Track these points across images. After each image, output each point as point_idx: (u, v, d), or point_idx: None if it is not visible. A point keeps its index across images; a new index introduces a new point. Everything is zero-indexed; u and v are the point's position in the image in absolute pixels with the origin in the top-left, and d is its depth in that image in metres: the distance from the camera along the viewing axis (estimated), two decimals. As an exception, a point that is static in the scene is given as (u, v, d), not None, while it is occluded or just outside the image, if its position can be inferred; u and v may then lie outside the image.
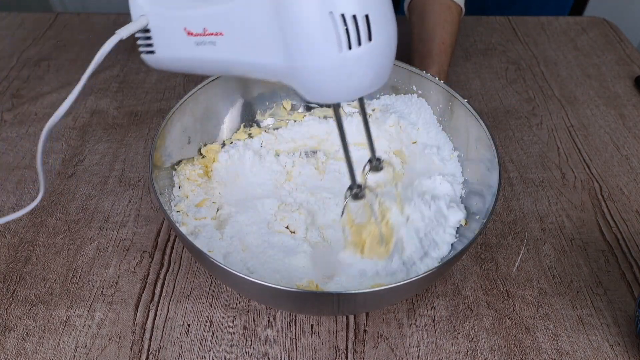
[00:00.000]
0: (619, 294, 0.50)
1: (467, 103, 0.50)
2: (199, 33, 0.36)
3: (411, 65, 0.56)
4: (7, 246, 0.54)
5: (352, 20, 0.30)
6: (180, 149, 0.54)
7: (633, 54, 0.84)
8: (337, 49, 0.30)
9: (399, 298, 0.48)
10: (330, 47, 0.30)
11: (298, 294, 0.41)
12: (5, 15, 0.92)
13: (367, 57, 0.31)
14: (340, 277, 0.47)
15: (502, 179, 0.43)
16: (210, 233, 0.48)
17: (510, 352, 0.45)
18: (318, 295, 0.42)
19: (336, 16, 0.29)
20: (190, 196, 0.51)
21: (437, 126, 0.55)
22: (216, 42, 0.35)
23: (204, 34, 0.36)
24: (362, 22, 0.30)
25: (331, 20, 0.29)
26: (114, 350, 0.45)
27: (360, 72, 0.32)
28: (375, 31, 0.31)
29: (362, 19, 0.30)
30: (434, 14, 0.70)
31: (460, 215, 0.49)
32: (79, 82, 0.38)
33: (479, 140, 0.50)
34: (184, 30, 0.36)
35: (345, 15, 0.29)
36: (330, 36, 0.30)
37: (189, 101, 0.52)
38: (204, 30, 0.35)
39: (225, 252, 0.47)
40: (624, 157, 0.65)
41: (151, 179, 0.45)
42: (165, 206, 0.46)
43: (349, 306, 0.43)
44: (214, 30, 0.35)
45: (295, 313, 0.48)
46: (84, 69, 0.38)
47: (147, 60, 0.41)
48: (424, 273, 0.39)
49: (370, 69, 0.32)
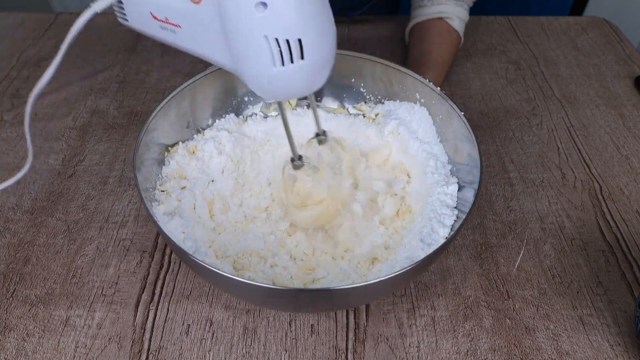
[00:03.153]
0: (619, 294, 0.50)
1: (464, 116, 0.50)
2: (162, 19, 0.39)
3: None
4: (7, 246, 0.54)
5: (285, 43, 0.33)
6: (178, 131, 0.55)
7: (633, 54, 0.84)
8: (272, 64, 0.34)
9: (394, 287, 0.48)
10: (266, 62, 0.34)
11: (283, 291, 0.41)
12: (5, 15, 0.92)
13: (299, 72, 0.35)
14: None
15: (477, 201, 0.44)
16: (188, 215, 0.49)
17: (510, 352, 0.45)
18: (311, 292, 0.42)
19: (270, 39, 0.33)
20: (175, 176, 0.52)
21: (436, 137, 0.55)
22: (176, 31, 0.39)
23: (165, 22, 0.39)
24: (294, 45, 0.33)
25: (266, 42, 0.33)
26: (114, 350, 0.45)
27: (294, 82, 0.36)
28: (308, 51, 0.34)
29: (295, 42, 0.33)
30: (433, 35, 0.73)
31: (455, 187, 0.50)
32: (57, 53, 0.43)
33: (469, 156, 0.50)
34: (150, 13, 0.40)
35: (278, 39, 0.33)
36: (266, 54, 0.33)
37: (190, 87, 0.54)
38: (166, 19, 0.39)
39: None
40: (624, 157, 0.65)
41: (134, 159, 0.46)
42: (149, 184, 0.48)
43: (343, 300, 0.44)
44: (174, 22, 0.39)
45: (280, 309, 0.48)
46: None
47: (123, 22, 0.45)
48: (414, 263, 0.39)
49: (304, 79, 0.36)
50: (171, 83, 0.76)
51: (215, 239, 0.50)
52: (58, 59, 0.41)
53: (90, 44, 0.84)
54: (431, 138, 0.55)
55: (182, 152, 0.54)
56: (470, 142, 0.48)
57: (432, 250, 0.41)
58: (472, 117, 0.71)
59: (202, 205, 0.51)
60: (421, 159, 0.54)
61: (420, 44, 0.74)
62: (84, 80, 0.76)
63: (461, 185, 0.50)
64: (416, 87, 0.56)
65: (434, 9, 0.73)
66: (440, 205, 0.49)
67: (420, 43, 0.74)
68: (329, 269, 0.47)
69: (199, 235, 0.48)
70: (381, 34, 0.80)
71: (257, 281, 0.44)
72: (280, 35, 0.32)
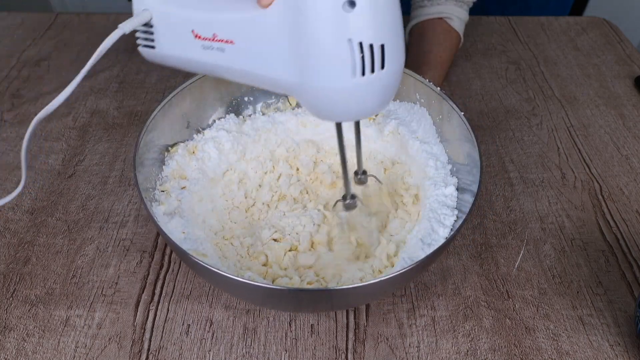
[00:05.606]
0: (619, 294, 0.50)
1: (464, 116, 0.50)
2: (207, 37, 0.35)
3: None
4: (7, 246, 0.54)
5: (368, 49, 0.30)
6: (178, 132, 0.55)
7: (633, 54, 0.84)
8: (351, 74, 0.31)
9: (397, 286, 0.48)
10: (345, 71, 0.31)
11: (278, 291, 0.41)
12: (5, 15, 0.92)
13: (377, 84, 0.32)
14: None
15: (477, 201, 0.44)
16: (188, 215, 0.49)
17: (510, 352, 0.45)
18: (311, 292, 0.42)
19: (354, 44, 0.30)
20: (176, 176, 0.52)
21: (436, 137, 0.55)
22: (225, 49, 0.35)
23: (212, 39, 0.35)
24: (377, 51, 0.31)
25: (349, 47, 0.30)
26: (114, 350, 0.45)
27: (368, 97, 0.33)
28: (389, 60, 0.31)
29: (378, 48, 0.31)
30: (433, 35, 0.74)
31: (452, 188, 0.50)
32: (77, 76, 0.38)
33: (469, 156, 0.50)
34: (191, 32, 0.35)
35: (362, 44, 0.30)
36: (346, 62, 0.30)
37: (190, 87, 0.54)
38: (213, 36, 0.35)
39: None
40: (624, 157, 0.65)
41: (134, 158, 0.45)
42: (149, 184, 0.48)
43: (343, 299, 0.44)
44: (224, 37, 0.34)
45: (276, 309, 0.48)
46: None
47: (144, 53, 0.40)
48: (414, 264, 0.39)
49: (379, 94, 0.33)
50: (171, 83, 0.76)
51: (215, 239, 0.50)
52: (77, 80, 0.37)
53: (90, 44, 0.84)
54: (431, 138, 0.55)
55: (182, 152, 0.54)
56: (470, 142, 0.48)
57: (432, 250, 0.41)
58: (472, 117, 0.71)
59: (202, 205, 0.51)
60: (421, 159, 0.54)
61: (420, 43, 0.74)
62: (84, 80, 0.76)
63: (461, 186, 0.50)
64: (416, 87, 0.56)
65: (434, 9, 0.73)
66: (440, 205, 0.49)
67: (420, 43, 0.74)
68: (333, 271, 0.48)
69: (199, 235, 0.48)
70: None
71: (257, 281, 0.44)
72: (365, 40, 0.30)
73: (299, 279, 0.46)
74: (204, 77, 0.55)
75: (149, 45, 0.39)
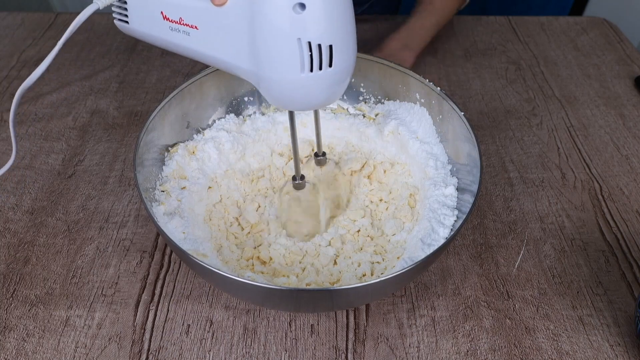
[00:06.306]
0: (619, 294, 0.50)
1: (464, 116, 0.50)
2: (174, 20, 0.37)
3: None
4: (7, 246, 0.54)
5: (317, 48, 0.33)
6: (178, 132, 0.55)
7: (633, 54, 0.84)
8: (300, 70, 0.33)
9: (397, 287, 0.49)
10: (294, 67, 0.33)
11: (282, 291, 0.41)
12: (5, 15, 0.92)
13: (325, 80, 0.35)
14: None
15: (477, 201, 0.44)
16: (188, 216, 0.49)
17: (510, 352, 0.45)
18: (311, 292, 0.42)
19: (303, 43, 0.32)
20: (176, 176, 0.52)
21: (436, 137, 0.55)
22: (190, 33, 0.37)
23: (179, 22, 0.37)
24: (325, 51, 0.33)
25: (298, 45, 0.32)
26: (113, 350, 0.45)
27: (317, 91, 0.35)
28: (337, 59, 0.34)
29: (326, 48, 0.33)
30: None
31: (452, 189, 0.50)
32: (55, 46, 0.41)
33: (469, 156, 0.50)
34: (160, 13, 0.38)
35: (311, 43, 0.32)
36: (295, 58, 0.33)
37: (190, 87, 0.54)
38: (179, 19, 0.37)
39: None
40: (624, 157, 0.65)
41: (134, 158, 0.46)
42: (149, 184, 0.48)
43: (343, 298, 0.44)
44: (189, 22, 0.37)
45: (278, 309, 0.48)
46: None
47: (119, 26, 0.43)
48: (413, 264, 0.39)
49: (327, 89, 0.36)
50: (171, 83, 0.76)
51: (215, 239, 0.50)
52: (54, 52, 0.39)
53: (90, 44, 0.84)
54: (431, 138, 0.55)
55: (182, 152, 0.54)
56: (470, 142, 0.48)
57: (432, 251, 0.41)
58: (472, 117, 0.71)
59: (203, 206, 0.51)
60: (421, 159, 0.54)
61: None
62: (84, 80, 0.76)
63: (461, 186, 0.50)
64: (416, 87, 0.56)
65: None
66: (440, 205, 0.49)
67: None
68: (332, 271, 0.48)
69: (199, 235, 0.48)
70: (381, 34, 0.80)
71: (257, 281, 0.44)
72: (314, 40, 0.32)
73: (295, 279, 0.46)
74: (204, 77, 0.55)
75: (123, 20, 0.42)
